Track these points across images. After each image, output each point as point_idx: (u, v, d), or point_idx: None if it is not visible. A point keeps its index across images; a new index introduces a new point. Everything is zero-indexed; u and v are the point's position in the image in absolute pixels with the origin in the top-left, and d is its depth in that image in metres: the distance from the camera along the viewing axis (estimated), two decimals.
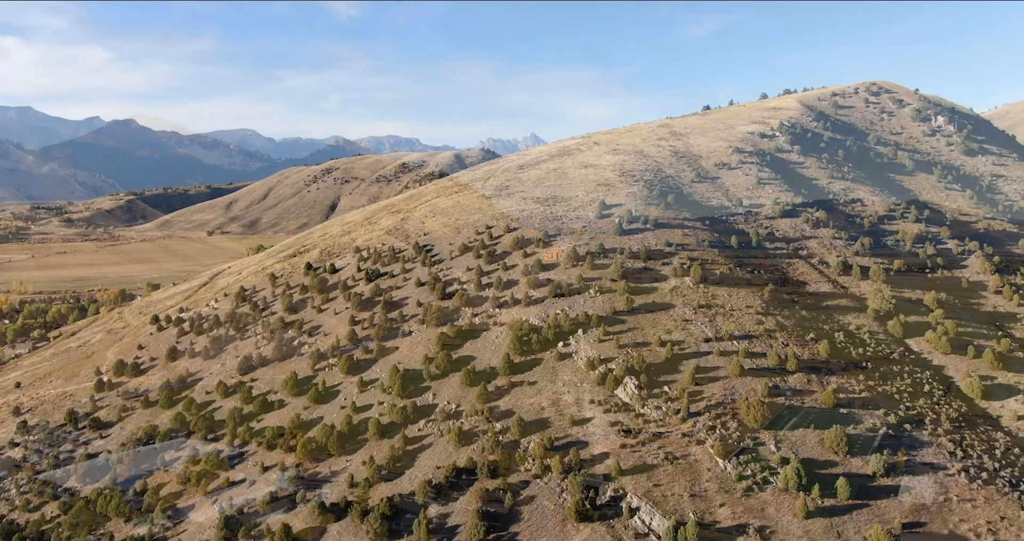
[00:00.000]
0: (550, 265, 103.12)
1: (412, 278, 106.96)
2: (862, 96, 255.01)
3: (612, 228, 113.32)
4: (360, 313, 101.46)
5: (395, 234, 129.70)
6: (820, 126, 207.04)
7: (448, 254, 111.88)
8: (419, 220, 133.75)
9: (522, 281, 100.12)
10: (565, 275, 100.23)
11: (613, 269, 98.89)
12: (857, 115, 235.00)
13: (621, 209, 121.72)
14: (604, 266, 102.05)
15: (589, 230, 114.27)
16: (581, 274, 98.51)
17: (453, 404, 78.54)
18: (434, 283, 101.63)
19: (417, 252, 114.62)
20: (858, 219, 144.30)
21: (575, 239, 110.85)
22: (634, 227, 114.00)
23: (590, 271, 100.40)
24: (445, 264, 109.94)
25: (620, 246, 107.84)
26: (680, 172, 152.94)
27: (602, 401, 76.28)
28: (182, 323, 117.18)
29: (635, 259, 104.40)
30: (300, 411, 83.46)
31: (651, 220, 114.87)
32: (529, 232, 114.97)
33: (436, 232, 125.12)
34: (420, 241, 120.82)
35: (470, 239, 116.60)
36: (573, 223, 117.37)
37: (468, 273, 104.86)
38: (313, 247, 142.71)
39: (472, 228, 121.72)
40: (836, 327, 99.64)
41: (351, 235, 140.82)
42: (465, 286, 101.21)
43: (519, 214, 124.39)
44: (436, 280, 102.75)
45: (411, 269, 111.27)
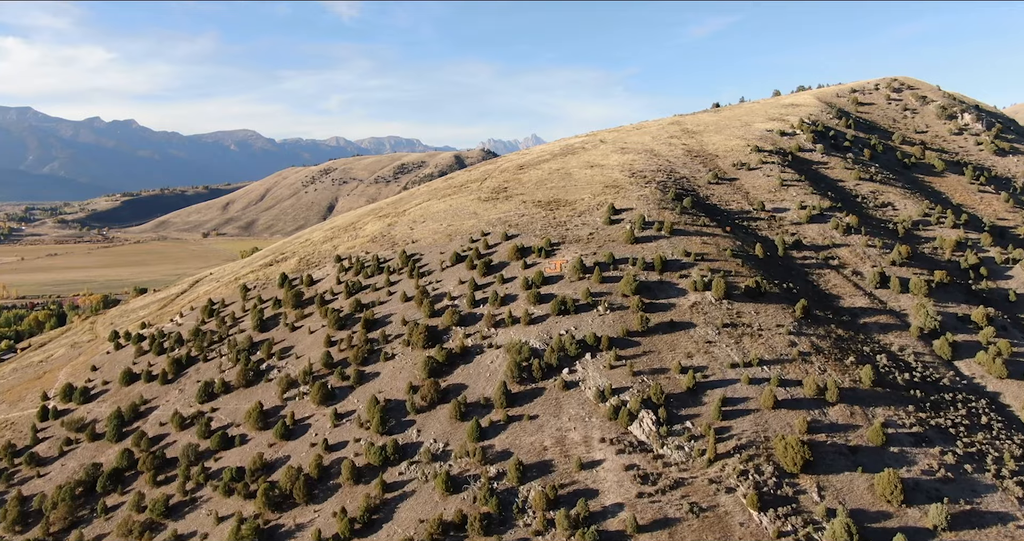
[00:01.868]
0: (553, 278, 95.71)
1: (397, 292, 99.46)
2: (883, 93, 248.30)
3: (623, 235, 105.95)
4: (337, 332, 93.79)
5: (380, 241, 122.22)
6: (842, 123, 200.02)
7: (439, 265, 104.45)
8: (407, 225, 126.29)
9: (521, 296, 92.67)
10: (570, 289, 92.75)
11: (625, 283, 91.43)
12: (879, 112, 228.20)
13: (632, 214, 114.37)
14: (615, 279, 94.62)
15: (597, 238, 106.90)
16: (588, 288, 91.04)
17: (440, 443, 70.83)
18: (422, 298, 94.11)
19: (404, 262, 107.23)
20: (890, 225, 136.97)
21: (581, 248, 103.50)
22: (647, 234, 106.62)
23: (599, 285, 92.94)
24: (435, 276, 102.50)
25: (632, 255, 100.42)
26: (695, 173, 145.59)
27: (614, 439, 68.67)
28: (142, 341, 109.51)
29: (650, 271, 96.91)
30: (264, 449, 75.70)
31: (666, 226, 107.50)
32: (530, 240, 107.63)
33: (426, 239, 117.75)
34: (408, 250, 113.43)
35: (463, 247, 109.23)
36: (579, 230, 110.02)
37: (460, 287, 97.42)
38: (292, 255, 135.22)
39: (466, 235, 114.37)
40: (877, 348, 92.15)
41: (333, 242, 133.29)
42: (457, 302, 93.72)
43: (518, 219, 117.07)
44: (424, 295, 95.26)
45: (397, 281, 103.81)
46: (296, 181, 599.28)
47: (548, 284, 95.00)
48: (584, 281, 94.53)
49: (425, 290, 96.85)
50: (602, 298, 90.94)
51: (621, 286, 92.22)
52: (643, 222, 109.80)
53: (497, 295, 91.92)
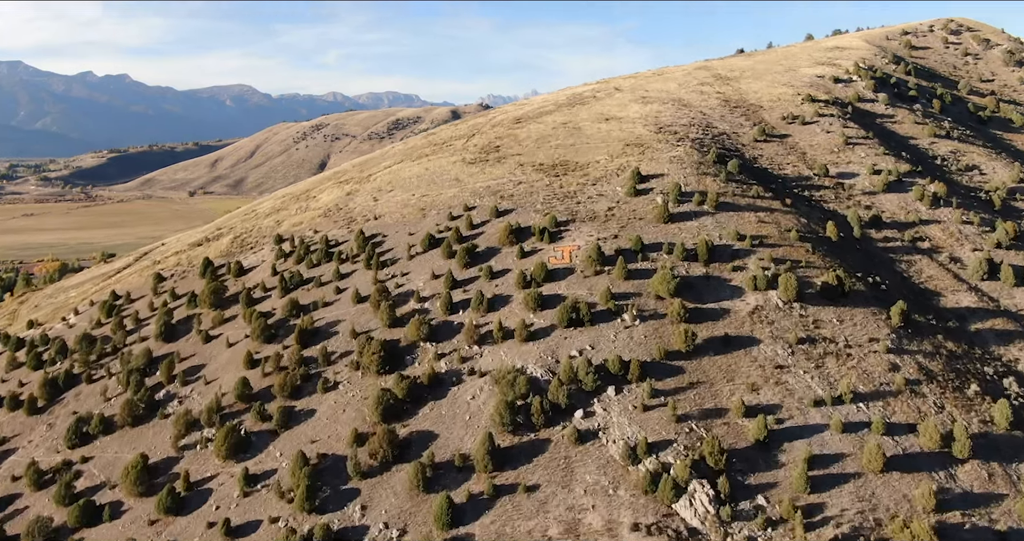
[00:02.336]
0: (560, 271, 74.54)
1: (349, 289, 78.25)
2: (939, 35, 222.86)
3: (653, 212, 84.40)
4: (264, 346, 72.92)
5: (335, 216, 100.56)
6: (900, 70, 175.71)
7: (406, 250, 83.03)
8: (371, 195, 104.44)
9: (516, 298, 71.62)
10: (584, 289, 71.67)
11: (660, 280, 70.22)
12: (936, 58, 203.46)
13: (664, 182, 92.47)
14: (645, 273, 73.46)
15: (619, 215, 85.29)
16: (609, 287, 69.99)
17: (394, 529, 50.56)
18: (380, 299, 73.02)
19: (360, 246, 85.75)
20: (981, 194, 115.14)
21: (598, 228, 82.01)
22: (685, 210, 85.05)
23: (623, 282, 71.76)
24: (400, 267, 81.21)
25: (667, 240, 79.01)
26: (737, 128, 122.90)
27: (654, 526, 48.52)
28: (20, 348, 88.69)
29: (691, 262, 75.65)
30: (142, 528, 55.51)
31: (710, 198, 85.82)
32: (528, 217, 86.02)
33: (392, 214, 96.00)
34: (367, 229, 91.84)
35: (440, 227, 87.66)
36: (594, 203, 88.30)
37: (433, 283, 76.27)
38: (228, 231, 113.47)
39: (444, 209, 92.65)
40: (1002, 369, 71.59)
41: (279, 215, 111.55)
42: (427, 305, 72.71)
43: (513, 189, 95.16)
44: (384, 294, 74.13)
45: (349, 273, 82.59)
46: (287, 137, 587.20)
47: (553, 280, 73.91)
48: (603, 276, 73.43)
49: (385, 288, 75.69)
50: (629, 302, 69.90)
51: (654, 284, 71.08)
52: (679, 193, 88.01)
53: (483, 296, 70.94)
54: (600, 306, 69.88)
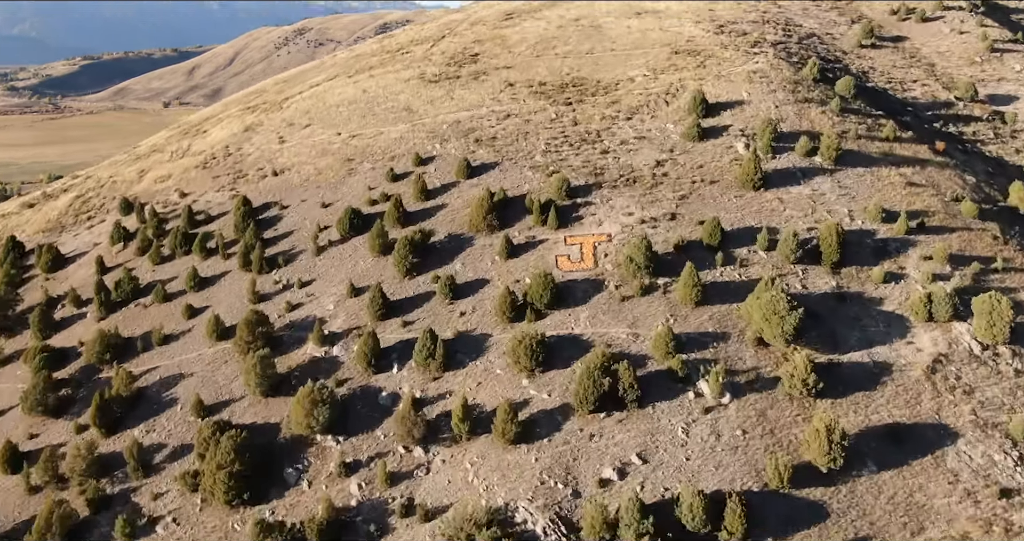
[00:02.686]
0: (578, 286, 43.36)
1: (208, 311, 47.80)
2: None
3: (732, 168, 52.93)
4: (46, 423, 43.59)
5: (218, 168, 68.69)
6: None
7: (312, 238, 51.74)
8: (276, 132, 72.08)
9: (497, 342, 40.64)
10: (622, 323, 40.67)
11: (764, 309, 39.27)
12: None
13: (744, 114, 60.21)
14: (731, 291, 42.40)
15: (675, 174, 53.61)
16: (670, 325, 39.89)
17: None
18: (252, 339, 42.83)
19: (240, 227, 54.19)
20: None
21: (640, 200, 50.61)
22: (786, 165, 53.29)
23: (693, 311, 41.13)
24: (300, 268, 50.17)
25: (762, 220, 48.10)
26: (829, 27, 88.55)
27: None
28: None
29: (808, 264, 45.01)
30: None
31: (825, 144, 53.93)
32: (521, 177, 53.98)
33: (301, 168, 63.76)
34: (258, 193, 60.03)
35: (373, 194, 55.30)
36: (632, 153, 56.42)
37: (352, 305, 44.80)
38: (76, 185, 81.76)
39: (383, 161, 60.64)
40: None
41: (149, 161, 79.44)
42: (337, 352, 41.91)
43: (497, 126, 62.78)
44: (260, 327, 43.45)
45: (216, 277, 51.56)
46: (268, 43, 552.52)
47: (566, 303, 42.44)
48: (656, 298, 42.80)
49: (263, 316, 45.15)
50: (707, 354, 39.94)
51: (753, 316, 40.60)
52: (773, 135, 56.41)
53: (435, 340, 40.78)
54: (655, 363, 40.09)
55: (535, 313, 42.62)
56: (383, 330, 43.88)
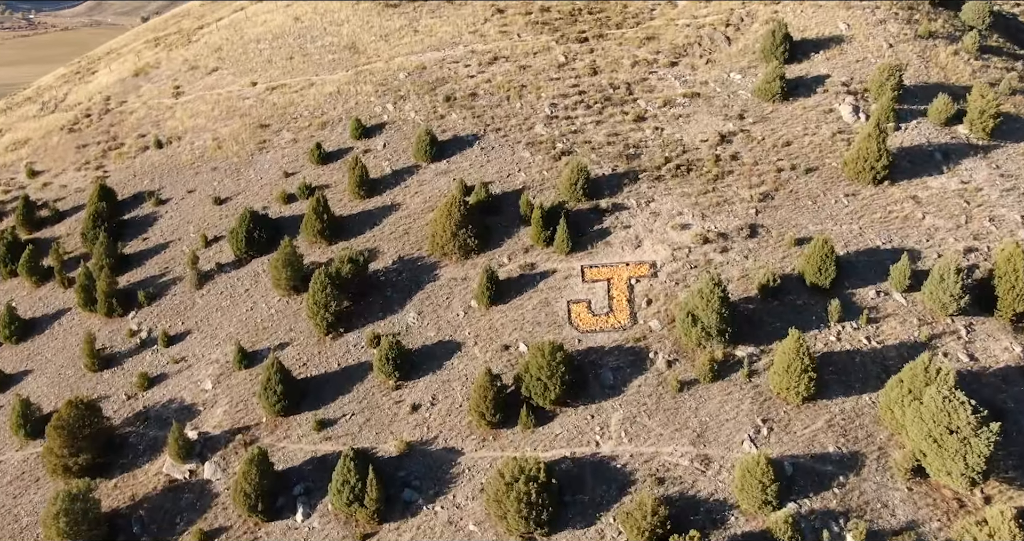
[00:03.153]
0: (603, 356, 27.61)
1: (21, 384, 32.83)
2: None
3: (830, 144, 36.37)
4: None
5: (88, 133, 51.02)
6: None
7: (189, 259, 36.03)
8: (172, 81, 55.34)
9: (466, 467, 25.49)
10: (683, 432, 24.91)
11: (934, 412, 24.88)
12: None
13: (842, 57, 42.48)
14: (858, 363, 26.42)
15: (748, 156, 35.40)
16: (762, 434, 24.30)
17: None
18: (68, 447, 27.46)
19: (90, 234, 37.86)
20: None
21: (695, 203, 32.57)
22: (916, 140, 36.75)
23: (799, 412, 25.07)
24: (168, 307, 33.58)
25: (892, 241, 31.98)
26: None
27: None
28: None
29: (974, 316, 29.61)
30: None
31: (975, 107, 37.21)
32: (510, 161, 36.71)
33: (198, 136, 45.71)
34: (133, 172, 43.11)
35: (292, 178, 38.86)
36: (680, 120, 39.11)
37: (241, 382, 28.93)
38: None
39: (309, 127, 42.84)
40: None
41: (11, 116, 62.82)
42: (210, 476, 26.01)
43: (478, 75, 45.43)
44: (83, 431, 28.33)
45: (45, 322, 35.60)
46: None
47: (584, 394, 26.38)
48: (732, 385, 25.91)
49: (91, 406, 29.36)
50: (829, 493, 23.18)
51: (900, 422, 25.32)
52: (896, 91, 40.04)
53: (364, 469, 24.31)
54: (741, 517, 24.99)
55: (534, 413, 27.86)
56: (286, 434, 27.86)
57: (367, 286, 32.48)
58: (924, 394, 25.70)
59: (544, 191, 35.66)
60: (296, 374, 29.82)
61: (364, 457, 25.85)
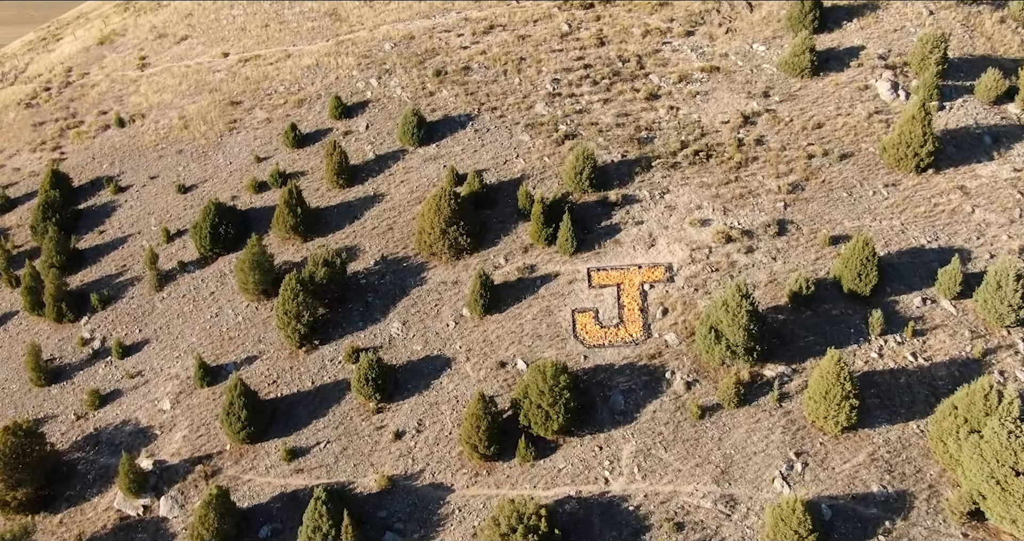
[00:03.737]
0: (612, 376, 24.29)
1: None
2: None
3: (865, 126, 31.60)
4: None
5: (47, 106, 46.31)
6: None
7: (147, 256, 30.92)
8: (139, 48, 51.19)
9: (456, 507, 21.96)
10: (703, 467, 21.75)
11: (996, 447, 21.27)
12: None
13: (877, 26, 37.47)
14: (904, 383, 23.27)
15: (774, 139, 31.20)
16: (795, 470, 21.01)
17: None
18: (7, 478, 24.79)
19: (40, 227, 34.18)
20: None
21: (716, 194, 28.80)
22: (962, 121, 32.28)
23: (836, 444, 21.74)
24: (125, 312, 29.00)
25: (938, 239, 27.42)
26: None
27: None
28: None
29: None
30: None
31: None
32: (506, 147, 31.97)
33: (162, 112, 40.72)
34: (92, 154, 38.49)
35: (264, 164, 34.15)
36: (698, 99, 34.01)
37: (203, 401, 25.21)
38: None
39: (284, 105, 37.84)
40: None
41: None
42: (166, 513, 22.45)
43: (472, 46, 40.87)
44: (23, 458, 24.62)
45: None
46: None
47: (591, 421, 23.24)
48: (759, 411, 22.58)
49: (31, 432, 25.23)
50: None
51: (955, 457, 21.23)
52: (941, 65, 35.86)
53: (339, 512, 20.72)
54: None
55: (534, 444, 23.98)
56: (252, 464, 24.40)
57: (346, 290, 29.09)
58: (984, 427, 22.65)
59: (545, 180, 32.12)
60: (264, 393, 26.58)
61: (339, 497, 22.79)
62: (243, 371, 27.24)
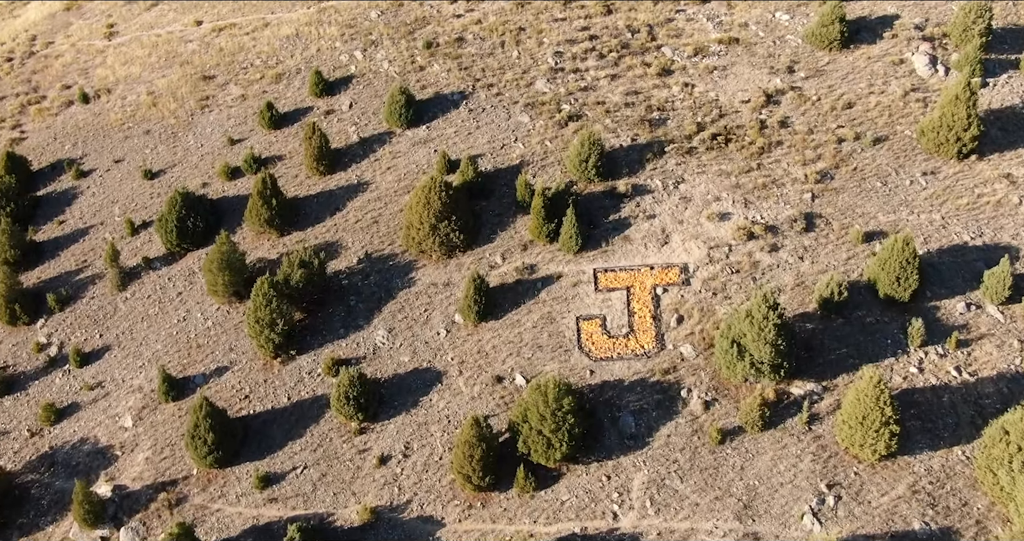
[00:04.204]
0: (621, 393, 21.81)
1: None
2: None
3: (900, 105, 28.13)
4: None
5: (7, 79, 44.20)
6: None
7: (108, 252, 28.06)
8: (107, 14, 47.48)
9: None
10: (723, 501, 19.42)
11: None
12: None
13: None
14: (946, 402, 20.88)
15: (799, 121, 27.86)
16: (827, 506, 18.55)
17: None
18: None
19: None
20: None
21: (736, 183, 26.32)
22: (1007, 100, 29.16)
23: (873, 473, 19.33)
24: (85, 314, 26.24)
25: (983, 234, 24.41)
26: None
27: None
28: None
29: None
30: None
31: None
32: (503, 129, 28.94)
33: (130, 86, 37.19)
34: (54, 134, 35.18)
35: (239, 146, 30.92)
36: (714, 75, 30.49)
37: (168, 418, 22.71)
38: None
39: (260, 80, 34.26)
40: None
41: None
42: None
43: (466, 20, 37.38)
44: None
45: None
46: None
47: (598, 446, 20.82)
48: (786, 435, 20.21)
49: None
50: None
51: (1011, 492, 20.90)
52: (985, 36, 32.79)
53: None
54: None
55: (534, 473, 21.26)
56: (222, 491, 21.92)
57: (326, 293, 26.41)
58: None
59: (547, 167, 29.22)
60: (236, 410, 24.10)
61: (316, 535, 20.74)
62: (212, 384, 24.79)
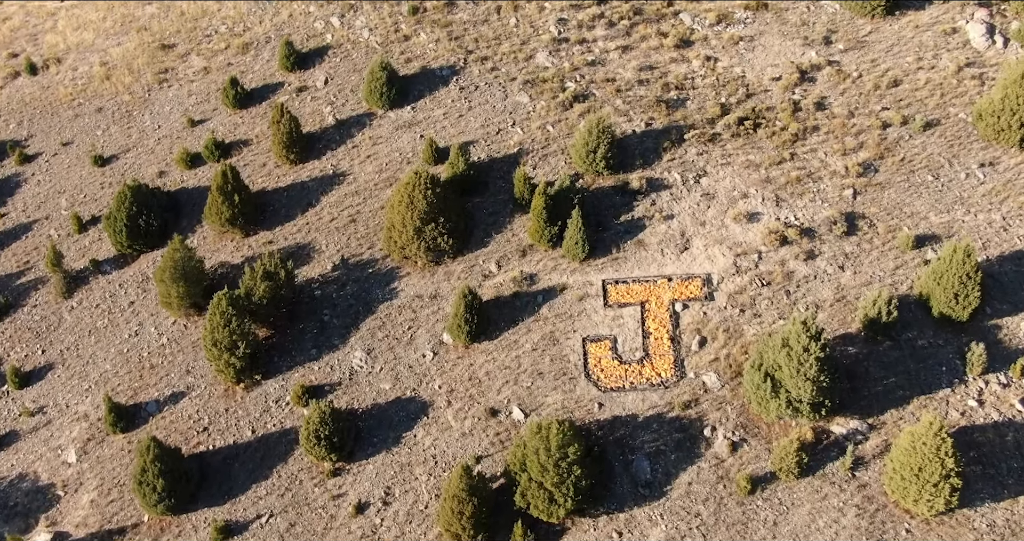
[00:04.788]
0: (635, 431, 18.80)
1: None
2: None
3: (953, 83, 24.65)
4: None
5: None
6: None
7: (50, 254, 24.69)
8: None
9: None
10: None
11: None
12: None
13: None
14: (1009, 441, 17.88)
15: (836, 103, 24.46)
16: None
17: None
18: None
19: None
20: None
21: (765, 176, 22.88)
22: None
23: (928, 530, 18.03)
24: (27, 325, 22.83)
25: None
26: None
27: None
28: None
29: None
30: None
31: None
32: (503, 117, 26.32)
33: (82, 55, 32.79)
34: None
35: (199, 128, 27.15)
36: (739, 47, 26.80)
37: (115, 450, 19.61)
38: None
39: (224, 51, 30.42)
40: None
41: None
42: None
43: None
44: None
45: None
46: None
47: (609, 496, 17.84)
48: (825, 484, 17.24)
49: None
50: None
51: None
52: None
53: None
54: None
55: (533, 530, 18.03)
56: None
57: (296, 305, 23.23)
58: None
59: (549, 157, 25.70)
60: (193, 445, 21.15)
61: None
62: (166, 413, 21.68)
